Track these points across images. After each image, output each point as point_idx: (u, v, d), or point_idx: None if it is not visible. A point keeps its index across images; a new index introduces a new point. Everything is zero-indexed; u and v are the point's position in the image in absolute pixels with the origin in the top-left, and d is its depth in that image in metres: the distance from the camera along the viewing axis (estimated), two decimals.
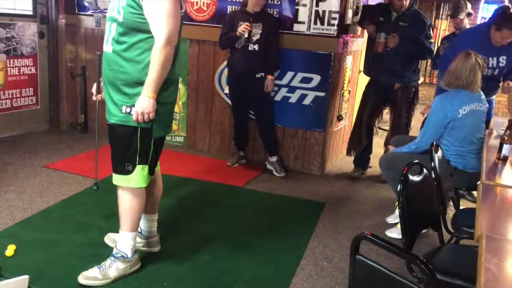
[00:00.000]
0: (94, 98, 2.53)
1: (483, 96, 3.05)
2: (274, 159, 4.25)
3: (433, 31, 4.34)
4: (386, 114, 6.97)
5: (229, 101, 4.39)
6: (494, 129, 3.13)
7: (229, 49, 4.10)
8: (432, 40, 4.12)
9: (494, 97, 3.99)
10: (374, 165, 4.15)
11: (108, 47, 2.23)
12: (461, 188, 3.08)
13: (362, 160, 4.40)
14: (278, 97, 4.32)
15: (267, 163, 4.29)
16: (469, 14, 4.55)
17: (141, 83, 2.17)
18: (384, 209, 3.57)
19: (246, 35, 3.85)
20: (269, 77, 4.04)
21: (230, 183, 3.93)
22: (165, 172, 4.04)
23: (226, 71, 4.35)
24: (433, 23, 8.08)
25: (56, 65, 5.00)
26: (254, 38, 3.90)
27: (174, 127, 4.77)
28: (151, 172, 2.37)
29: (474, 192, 3.59)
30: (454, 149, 2.98)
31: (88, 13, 4.86)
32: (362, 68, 5.03)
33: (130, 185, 2.31)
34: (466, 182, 2.95)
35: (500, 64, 3.53)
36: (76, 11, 4.91)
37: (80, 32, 4.94)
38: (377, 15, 4.11)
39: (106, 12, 2.35)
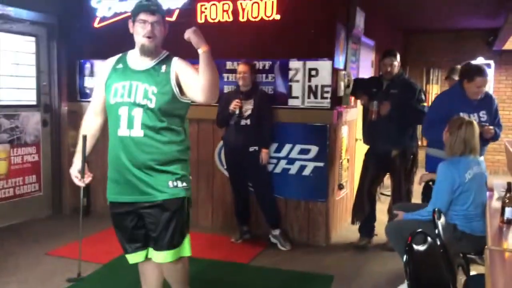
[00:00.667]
0: (80, 181, 2.52)
1: (480, 158, 3.10)
2: (277, 232, 4.21)
3: (425, 95, 4.49)
4: (387, 179, 7.00)
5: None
6: (495, 191, 3.13)
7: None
8: (425, 104, 4.24)
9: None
10: (380, 233, 4.10)
11: (135, 131, 2.30)
12: (469, 253, 3.03)
13: (367, 229, 4.35)
14: (278, 169, 4.36)
15: (270, 237, 4.24)
16: None
17: (178, 161, 2.36)
18: (394, 278, 3.47)
19: (237, 112, 3.99)
20: (264, 150, 4.11)
21: (235, 260, 3.86)
22: None
23: None
24: (424, 88, 8.34)
25: (59, 152, 5.10)
26: (246, 114, 4.02)
27: None
28: None
29: None
30: (462, 213, 2.98)
31: (90, 99, 5.02)
32: (359, 137, 5.13)
33: (184, 254, 2.43)
34: (475, 246, 2.91)
35: (482, 119, 3.58)
36: (78, 98, 5.09)
37: (83, 118, 5.07)
38: (370, 87, 4.28)
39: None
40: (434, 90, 8.26)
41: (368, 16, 4.98)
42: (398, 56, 4.20)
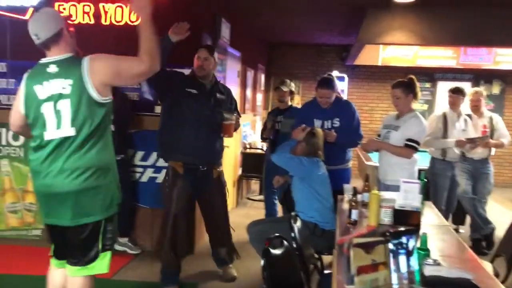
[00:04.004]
0: None
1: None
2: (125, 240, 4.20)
3: None
4: (255, 184, 7.27)
5: None
6: (345, 194, 3.43)
7: None
8: None
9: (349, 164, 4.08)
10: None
11: None
12: (323, 252, 3.27)
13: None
14: (144, 178, 4.28)
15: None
16: (291, 92, 5.01)
17: None
18: (256, 282, 3.60)
19: None
20: None
21: (97, 276, 3.65)
22: (20, 272, 3.65)
23: None
24: None
25: None
26: None
27: (30, 219, 4.39)
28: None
29: None
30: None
31: None
32: (227, 144, 5.21)
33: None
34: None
35: (334, 125, 3.84)
36: None
37: None
38: (185, 86, 3.42)
39: None
40: (296, 100, 8.80)
41: (234, 28, 5.14)
42: (216, 55, 3.62)
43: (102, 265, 2.41)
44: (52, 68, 2.26)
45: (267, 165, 5.01)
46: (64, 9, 4.11)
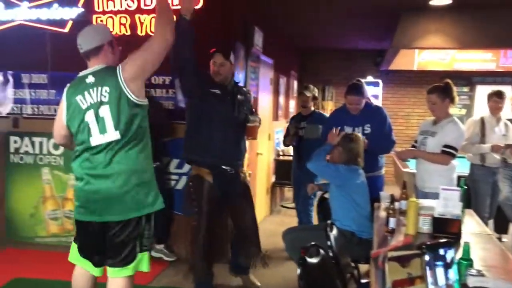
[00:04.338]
0: None
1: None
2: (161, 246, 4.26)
3: None
4: (288, 191, 7.23)
5: None
6: (381, 202, 3.36)
7: None
8: None
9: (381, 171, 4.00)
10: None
11: None
12: (360, 260, 3.21)
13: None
14: (179, 186, 4.31)
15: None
16: (314, 98, 4.91)
17: None
18: None
19: None
20: None
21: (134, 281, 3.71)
22: (60, 277, 3.73)
23: None
24: (320, 105, 8.78)
25: None
26: None
27: (70, 226, 4.49)
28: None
29: None
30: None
31: None
32: (260, 151, 5.20)
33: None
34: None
35: (365, 132, 3.72)
36: None
37: None
38: (209, 87, 3.33)
39: None
40: (329, 106, 8.74)
41: (266, 36, 5.15)
42: (232, 58, 3.46)
43: (142, 264, 2.49)
44: (90, 79, 2.40)
45: (294, 172, 4.95)
46: (101, 21, 4.23)
